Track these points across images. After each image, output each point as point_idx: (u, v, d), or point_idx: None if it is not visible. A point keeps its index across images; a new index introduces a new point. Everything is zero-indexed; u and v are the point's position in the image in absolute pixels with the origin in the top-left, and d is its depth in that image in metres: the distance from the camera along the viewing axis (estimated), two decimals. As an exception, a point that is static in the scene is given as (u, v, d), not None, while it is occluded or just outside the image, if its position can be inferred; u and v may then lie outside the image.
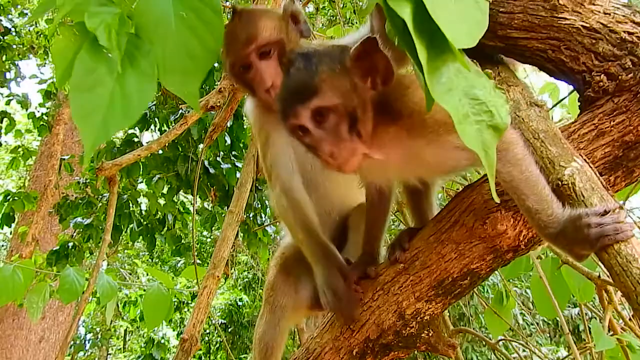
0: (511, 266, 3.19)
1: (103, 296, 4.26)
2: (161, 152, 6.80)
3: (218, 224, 7.64)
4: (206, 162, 6.77)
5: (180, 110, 6.61)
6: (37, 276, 4.75)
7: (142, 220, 7.81)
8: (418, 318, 1.95)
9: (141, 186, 8.24)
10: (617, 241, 1.38)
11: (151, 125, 7.13)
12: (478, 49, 1.45)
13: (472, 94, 1.39)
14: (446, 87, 1.36)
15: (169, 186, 7.19)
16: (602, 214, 1.41)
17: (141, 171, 7.00)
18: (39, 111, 12.22)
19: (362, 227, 2.16)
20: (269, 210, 7.30)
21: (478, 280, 1.89)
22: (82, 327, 17.99)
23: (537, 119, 1.67)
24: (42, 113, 12.18)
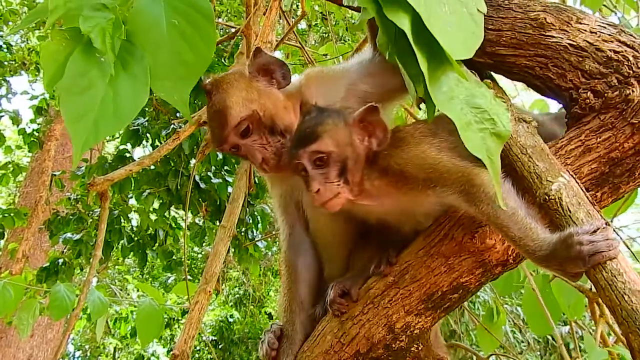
0: (504, 283, 3.22)
1: (94, 312, 4.23)
2: (153, 167, 6.79)
3: (208, 239, 7.63)
4: (197, 177, 6.77)
5: (172, 125, 6.61)
6: (27, 293, 4.72)
7: (133, 235, 7.78)
8: (408, 332, 1.96)
9: (132, 201, 8.21)
10: (610, 258, 1.41)
11: (143, 140, 7.12)
12: (468, 65, 1.48)
13: (474, 103, 1.43)
14: (448, 96, 1.40)
15: (160, 201, 7.17)
16: (593, 232, 1.44)
17: (132, 186, 6.98)
18: (30, 127, 12.18)
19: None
20: (261, 225, 7.30)
21: (467, 294, 1.90)
22: (71, 345, 17.82)
23: (525, 135, 1.70)
24: (33, 129, 12.15)
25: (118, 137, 8.65)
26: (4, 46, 12.54)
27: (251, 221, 7.16)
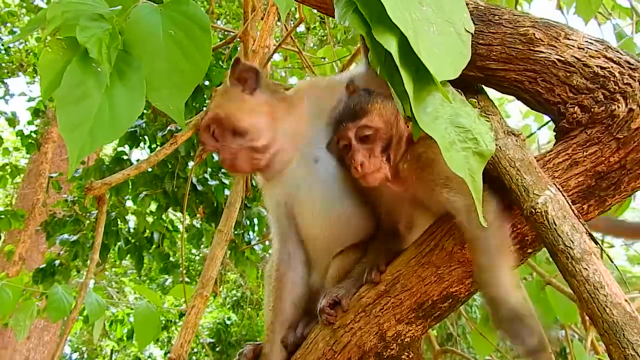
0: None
1: (92, 314, 4.25)
2: (150, 170, 6.80)
3: (205, 241, 7.64)
4: (194, 180, 6.79)
5: (169, 127, 6.63)
6: (24, 295, 4.73)
7: (130, 238, 7.79)
8: (399, 340, 1.99)
9: (129, 204, 8.23)
10: None
11: (140, 142, 7.15)
12: (459, 78, 1.51)
13: (457, 122, 1.46)
14: (432, 117, 1.43)
15: (157, 204, 7.19)
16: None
17: (130, 189, 7.00)
18: (28, 129, 12.21)
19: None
20: (257, 228, 7.32)
21: (457, 303, 1.94)
22: (68, 347, 17.79)
23: (514, 148, 1.73)
24: (31, 131, 12.16)
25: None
26: (2, 48, 12.54)
27: (248, 224, 7.18)
